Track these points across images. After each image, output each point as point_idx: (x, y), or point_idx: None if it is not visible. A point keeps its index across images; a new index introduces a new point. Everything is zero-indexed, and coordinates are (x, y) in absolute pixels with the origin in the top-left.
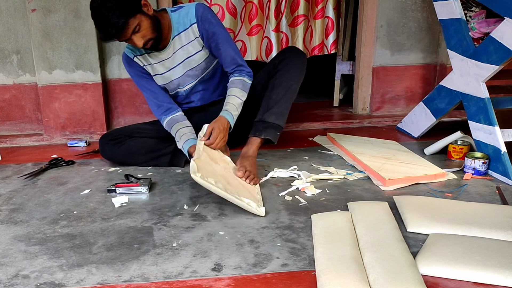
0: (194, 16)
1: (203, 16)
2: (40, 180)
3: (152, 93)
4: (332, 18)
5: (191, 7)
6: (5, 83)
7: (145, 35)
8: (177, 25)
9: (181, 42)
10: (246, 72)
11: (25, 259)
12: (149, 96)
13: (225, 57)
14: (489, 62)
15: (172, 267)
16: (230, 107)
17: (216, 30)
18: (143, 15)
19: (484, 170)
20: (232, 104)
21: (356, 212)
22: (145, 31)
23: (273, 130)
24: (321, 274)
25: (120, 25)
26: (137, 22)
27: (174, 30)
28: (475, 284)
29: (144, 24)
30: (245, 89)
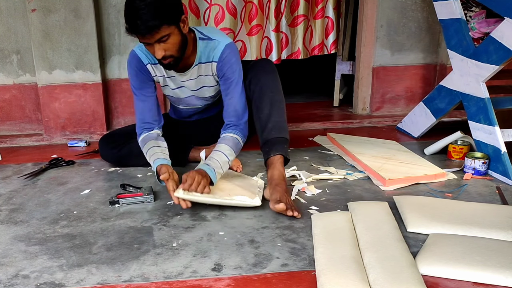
0: (218, 56)
1: (226, 59)
2: (40, 180)
3: (143, 106)
4: (332, 18)
5: (219, 45)
6: (5, 83)
7: (169, 49)
8: (201, 54)
9: (201, 72)
10: (241, 130)
11: (25, 259)
12: (139, 107)
13: (228, 106)
14: (489, 62)
15: (172, 267)
16: (214, 163)
17: (232, 77)
18: (177, 29)
19: (484, 170)
20: (216, 160)
21: (356, 212)
22: (171, 45)
23: (279, 145)
24: (321, 274)
25: (151, 25)
26: (168, 32)
27: (197, 59)
28: (475, 284)
29: (174, 38)
30: (235, 149)
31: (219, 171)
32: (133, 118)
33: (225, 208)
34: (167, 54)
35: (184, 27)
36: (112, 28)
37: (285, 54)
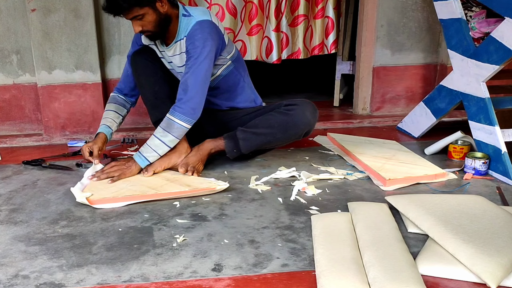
0: (188, 31)
1: (192, 35)
2: (40, 180)
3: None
4: (332, 18)
5: (192, 20)
6: (5, 83)
7: (145, 25)
8: (181, 31)
9: (179, 49)
10: (180, 111)
11: (25, 259)
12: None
13: (183, 80)
14: (490, 62)
15: (172, 267)
16: (143, 149)
17: (192, 52)
18: (152, 9)
19: (485, 170)
20: (146, 146)
21: (356, 213)
22: (146, 23)
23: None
24: (321, 276)
25: (122, 7)
26: (142, 12)
27: (178, 34)
28: (475, 284)
29: (148, 17)
30: (169, 130)
31: (150, 154)
32: (133, 118)
33: (226, 208)
34: (144, 29)
35: (162, 6)
36: (112, 28)
37: (286, 54)
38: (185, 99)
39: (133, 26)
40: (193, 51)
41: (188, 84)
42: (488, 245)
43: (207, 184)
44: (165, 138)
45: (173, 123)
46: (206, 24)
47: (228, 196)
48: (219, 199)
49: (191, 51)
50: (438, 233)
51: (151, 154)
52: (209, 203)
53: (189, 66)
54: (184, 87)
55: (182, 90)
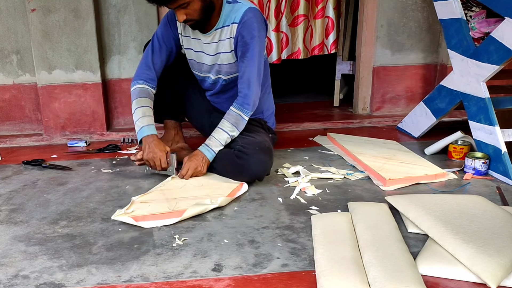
0: (240, 17)
1: (247, 22)
2: (40, 180)
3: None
4: (332, 18)
5: (243, 6)
6: (5, 83)
7: (189, 14)
8: (226, 17)
9: (221, 36)
10: (247, 105)
11: (25, 259)
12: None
13: (243, 74)
14: (490, 62)
15: (172, 267)
16: (212, 143)
17: (250, 42)
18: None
19: (485, 170)
20: (216, 139)
21: (356, 213)
22: (191, 11)
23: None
24: (321, 276)
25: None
26: (187, 0)
27: (221, 21)
28: (475, 284)
29: (194, 5)
30: (237, 125)
31: (217, 149)
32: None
33: (225, 208)
34: (189, 18)
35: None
36: (112, 28)
37: (285, 54)
38: (249, 93)
39: (177, 15)
40: (250, 41)
41: (250, 77)
42: (488, 245)
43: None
44: (232, 133)
45: (241, 119)
46: (258, 12)
47: None
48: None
49: (248, 40)
50: (438, 233)
51: (218, 148)
52: None
53: (248, 58)
54: (246, 80)
55: (246, 84)
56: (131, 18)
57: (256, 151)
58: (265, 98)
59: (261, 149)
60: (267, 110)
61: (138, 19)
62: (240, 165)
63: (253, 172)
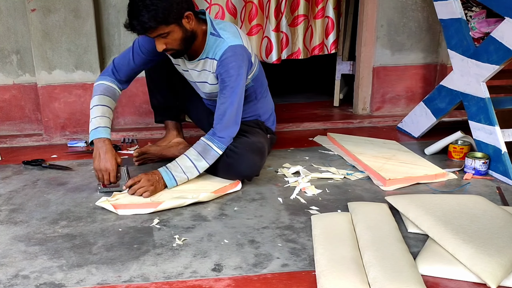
0: (219, 55)
1: (225, 61)
2: (40, 180)
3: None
4: (332, 18)
5: (223, 44)
6: (5, 83)
7: (169, 43)
8: (209, 49)
9: (205, 66)
10: (219, 139)
11: (25, 259)
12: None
13: (218, 109)
14: (490, 62)
15: (172, 267)
16: (173, 167)
17: (227, 81)
18: (178, 26)
19: (485, 170)
20: (177, 164)
21: (356, 213)
22: (171, 41)
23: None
24: (321, 276)
25: (147, 26)
26: (167, 30)
27: (205, 52)
28: (475, 284)
29: (174, 35)
30: (204, 155)
31: (179, 175)
32: (133, 118)
33: (226, 208)
34: (168, 48)
35: (189, 22)
36: (112, 28)
37: (285, 54)
38: (223, 128)
39: (156, 45)
40: (228, 80)
41: (226, 113)
42: (488, 245)
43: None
44: (198, 163)
45: (210, 149)
46: (239, 50)
47: (228, 196)
48: (219, 199)
49: (226, 79)
50: (438, 233)
51: (180, 176)
52: (209, 203)
53: (226, 96)
54: (221, 116)
55: (220, 118)
56: None
57: (246, 151)
58: (261, 103)
59: (252, 149)
60: (264, 114)
61: None
62: (229, 163)
63: (241, 172)
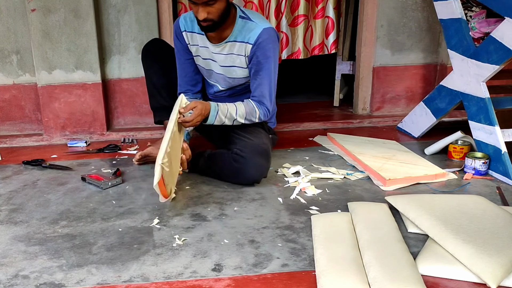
0: (254, 39)
1: (262, 44)
2: (40, 180)
3: (180, 70)
4: (332, 18)
5: (258, 27)
6: (5, 83)
7: (212, 12)
8: (238, 32)
9: (233, 50)
10: (264, 109)
11: (25, 259)
12: (178, 71)
13: (256, 88)
14: (490, 62)
15: (172, 267)
16: (222, 108)
17: (264, 62)
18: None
19: (485, 170)
20: (226, 108)
21: (356, 213)
22: (215, 10)
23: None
24: (321, 276)
25: None
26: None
27: (233, 35)
28: (475, 284)
29: (220, 4)
30: (248, 116)
31: (222, 115)
32: (133, 118)
33: (226, 208)
34: (209, 17)
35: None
36: (112, 28)
37: (286, 54)
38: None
39: (199, 12)
40: (265, 61)
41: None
42: (488, 245)
43: None
44: (239, 119)
45: (254, 114)
46: (273, 32)
47: (228, 196)
48: (219, 199)
49: (263, 60)
50: (438, 233)
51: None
52: (209, 203)
53: (263, 75)
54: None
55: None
56: (131, 18)
57: (253, 155)
58: None
59: (258, 152)
60: None
61: (138, 19)
62: (237, 168)
63: (250, 176)
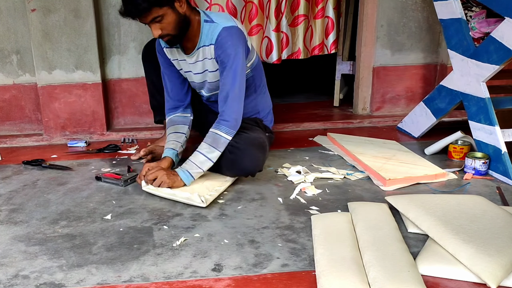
0: (214, 38)
1: (221, 42)
2: (40, 180)
3: (167, 85)
4: (332, 18)
5: (218, 27)
6: (5, 83)
7: (164, 28)
8: (205, 37)
9: (204, 55)
10: (224, 121)
11: (25, 259)
12: (165, 86)
13: (221, 92)
14: (490, 62)
15: (172, 267)
16: (188, 166)
17: (226, 61)
18: (171, 9)
19: (485, 170)
20: (191, 163)
21: (356, 213)
22: (166, 24)
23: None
24: (321, 276)
25: (141, 8)
26: (161, 13)
27: (201, 41)
28: (475, 284)
29: (168, 18)
30: (215, 145)
31: (195, 171)
32: (133, 118)
33: (226, 208)
34: (164, 33)
35: (181, 5)
36: (112, 28)
37: (286, 54)
38: (228, 111)
39: (152, 31)
40: (226, 60)
41: (229, 95)
42: (488, 245)
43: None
44: (211, 155)
45: (219, 138)
46: (234, 30)
47: (228, 196)
48: (219, 199)
49: (225, 59)
50: (438, 233)
51: (196, 171)
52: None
53: (225, 76)
54: (224, 98)
55: (224, 101)
56: None
57: (249, 147)
58: (260, 98)
59: (254, 144)
60: (263, 110)
61: None
62: (232, 160)
63: (245, 167)
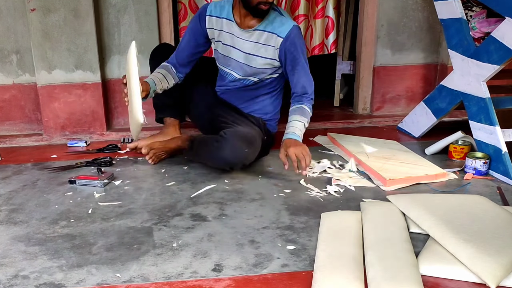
0: (285, 33)
1: (294, 40)
2: (40, 180)
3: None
4: (332, 18)
5: (288, 23)
6: (5, 83)
7: None
8: (268, 23)
9: (260, 39)
10: (307, 99)
11: (24, 259)
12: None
13: (296, 83)
14: (490, 62)
15: (172, 267)
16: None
17: (297, 56)
18: None
19: (485, 170)
20: (294, 127)
21: (366, 212)
22: None
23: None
24: (317, 271)
25: None
26: None
27: (263, 24)
28: (475, 284)
29: None
30: (303, 115)
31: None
32: None
33: (226, 209)
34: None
35: None
36: (112, 28)
37: None
38: (309, 94)
39: None
40: (299, 57)
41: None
42: (488, 245)
43: None
44: (303, 121)
45: (304, 110)
46: (300, 30)
47: (228, 196)
48: (219, 199)
49: (297, 56)
50: (438, 233)
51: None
52: (209, 203)
53: (300, 69)
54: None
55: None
56: (131, 18)
57: (233, 137)
58: (273, 101)
59: (240, 136)
60: (270, 112)
61: (138, 19)
62: (215, 148)
63: (225, 156)
